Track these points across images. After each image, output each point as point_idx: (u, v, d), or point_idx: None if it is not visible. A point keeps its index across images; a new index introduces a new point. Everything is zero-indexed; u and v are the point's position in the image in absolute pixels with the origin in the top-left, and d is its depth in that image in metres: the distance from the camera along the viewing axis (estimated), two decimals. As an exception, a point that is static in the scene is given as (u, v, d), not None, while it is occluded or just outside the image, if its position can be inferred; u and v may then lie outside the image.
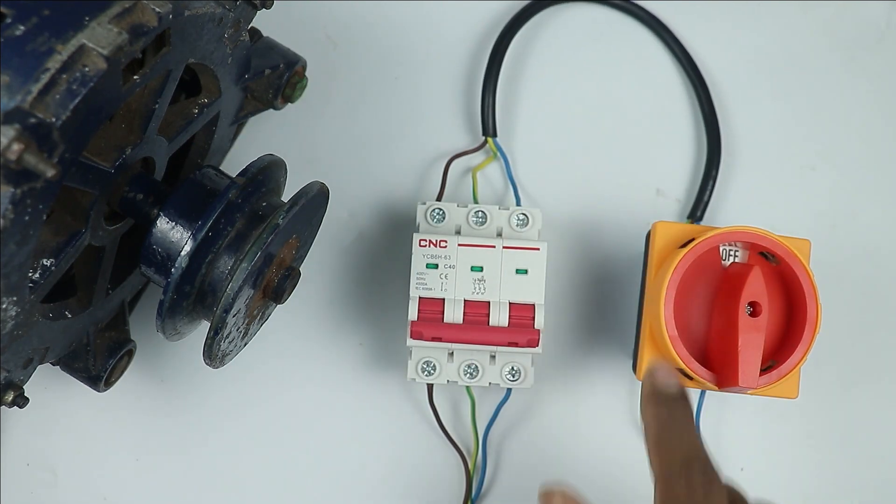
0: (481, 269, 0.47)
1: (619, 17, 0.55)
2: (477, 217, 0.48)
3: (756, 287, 0.43)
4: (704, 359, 0.45)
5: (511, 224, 0.48)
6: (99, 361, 0.45)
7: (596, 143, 0.53)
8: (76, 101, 0.34)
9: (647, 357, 0.46)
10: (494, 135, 0.52)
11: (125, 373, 0.48)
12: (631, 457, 0.51)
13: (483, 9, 0.54)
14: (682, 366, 0.44)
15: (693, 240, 0.45)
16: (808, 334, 0.44)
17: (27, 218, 0.34)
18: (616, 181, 0.53)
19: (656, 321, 0.45)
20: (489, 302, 0.47)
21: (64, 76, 0.34)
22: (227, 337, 0.41)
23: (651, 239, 0.47)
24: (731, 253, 0.46)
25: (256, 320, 0.44)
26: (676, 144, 0.53)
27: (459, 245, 0.47)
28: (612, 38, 0.55)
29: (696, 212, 0.52)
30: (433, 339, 0.47)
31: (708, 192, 0.52)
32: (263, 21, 0.46)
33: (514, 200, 0.51)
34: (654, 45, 0.54)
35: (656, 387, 0.38)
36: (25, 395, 0.41)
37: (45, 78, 0.34)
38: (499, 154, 0.52)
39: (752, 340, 0.43)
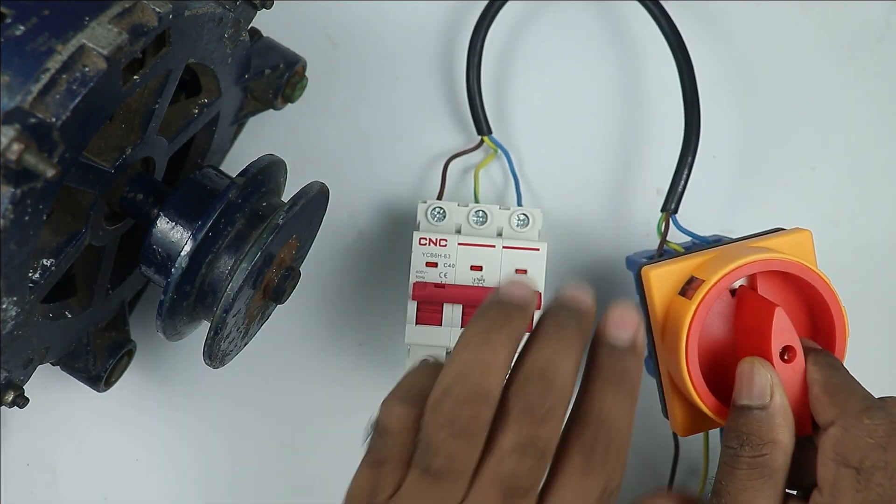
0: (481, 268, 0.47)
1: (619, 15, 0.54)
2: (477, 216, 0.48)
3: (784, 332, 0.40)
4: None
5: (511, 224, 0.48)
6: (99, 361, 0.45)
7: (596, 142, 0.53)
8: (76, 101, 0.34)
9: (678, 411, 0.43)
10: (489, 132, 0.52)
11: (125, 373, 0.48)
12: (630, 456, 0.51)
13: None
14: (722, 423, 0.41)
15: (693, 279, 0.41)
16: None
17: (27, 218, 0.34)
18: (616, 181, 0.53)
19: (680, 379, 0.42)
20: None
21: (64, 76, 0.34)
22: (227, 337, 0.41)
23: (646, 288, 0.43)
24: None
25: (256, 320, 0.44)
26: (676, 144, 0.53)
27: (459, 244, 0.47)
28: (613, 38, 0.55)
29: (670, 203, 0.48)
30: (434, 299, 0.47)
31: (683, 182, 0.48)
32: (263, 21, 0.46)
33: (514, 198, 0.51)
34: (654, 42, 0.54)
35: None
36: (25, 395, 0.41)
37: (45, 78, 0.34)
38: (499, 151, 0.52)
39: (791, 386, 0.40)
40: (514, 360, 0.35)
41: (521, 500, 0.34)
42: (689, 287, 0.41)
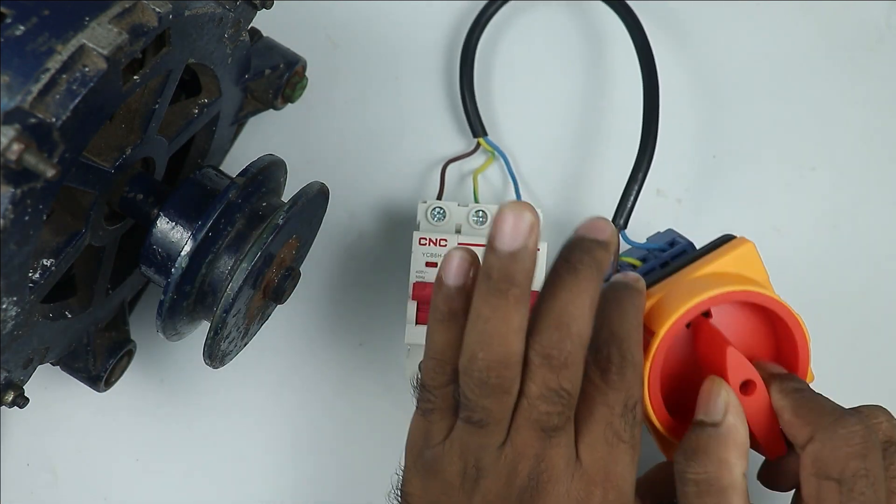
0: (481, 268, 0.47)
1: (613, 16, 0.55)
2: (477, 216, 0.48)
3: (740, 369, 0.39)
4: None
5: (511, 224, 0.48)
6: (99, 361, 0.45)
7: (596, 142, 0.53)
8: (76, 101, 0.34)
9: (659, 441, 0.42)
10: (484, 134, 0.52)
11: (125, 373, 0.48)
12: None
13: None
14: None
15: (644, 328, 0.39)
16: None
17: (27, 218, 0.34)
18: (616, 181, 0.53)
19: (649, 423, 0.41)
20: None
21: (64, 76, 0.34)
22: (227, 337, 0.41)
23: None
24: None
25: (256, 320, 0.44)
26: (676, 143, 0.53)
27: (459, 244, 0.47)
28: (612, 37, 0.55)
29: (619, 219, 0.46)
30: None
31: (632, 199, 0.46)
32: (263, 21, 0.46)
33: (514, 197, 0.51)
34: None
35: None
36: (25, 395, 0.41)
37: (45, 78, 0.34)
38: (496, 153, 0.52)
39: (756, 415, 0.39)
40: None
41: (558, 433, 0.36)
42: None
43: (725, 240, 0.44)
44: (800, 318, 0.41)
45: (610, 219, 0.44)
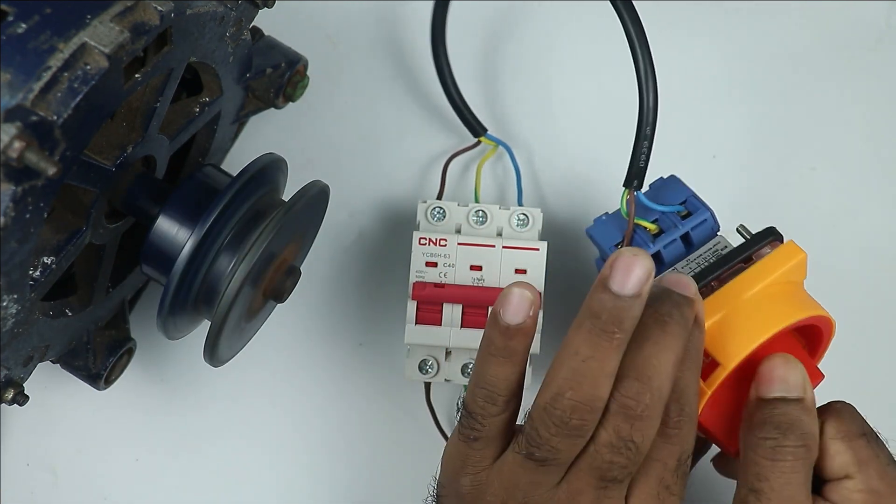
0: (481, 268, 0.47)
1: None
2: (477, 216, 0.48)
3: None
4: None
5: (511, 224, 0.48)
6: (99, 360, 0.46)
7: (595, 141, 0.54)
8: (77, 99, 0.34)
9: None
10: (484, 131, 0.52)
11: (125, 372, 0.48)
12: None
13: (486, 8, 0.55)
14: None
15: (706, 354, 0.39)
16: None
17: (28, 216, 0.34)
18: (617, 180, 0.53)
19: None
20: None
21: (65, 74, 0.34)
22: (227, 336, 0.41)
23: None
24: None
25: (257, 319, 0.44)
26: (676, 143, 0.53)
27: (459, 244, 0.47)
28: (612, 36, 0.55)
29: (633, 180, 0.43)
30: (434, 299, 0.47)
31: (643, 158, 0.43)
32: (265, 20, 0.46)
33: (515, 195, 0.51)
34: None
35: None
36: (25, 392, 0.41)
37: (46, 76, 0.34)
38: (500, 146, 0.52)
39: None
40: None
41: (614, 486, 0.36)
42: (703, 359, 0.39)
43: (770, 236, 0.43)
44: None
45: (622, 183, 0.44)
